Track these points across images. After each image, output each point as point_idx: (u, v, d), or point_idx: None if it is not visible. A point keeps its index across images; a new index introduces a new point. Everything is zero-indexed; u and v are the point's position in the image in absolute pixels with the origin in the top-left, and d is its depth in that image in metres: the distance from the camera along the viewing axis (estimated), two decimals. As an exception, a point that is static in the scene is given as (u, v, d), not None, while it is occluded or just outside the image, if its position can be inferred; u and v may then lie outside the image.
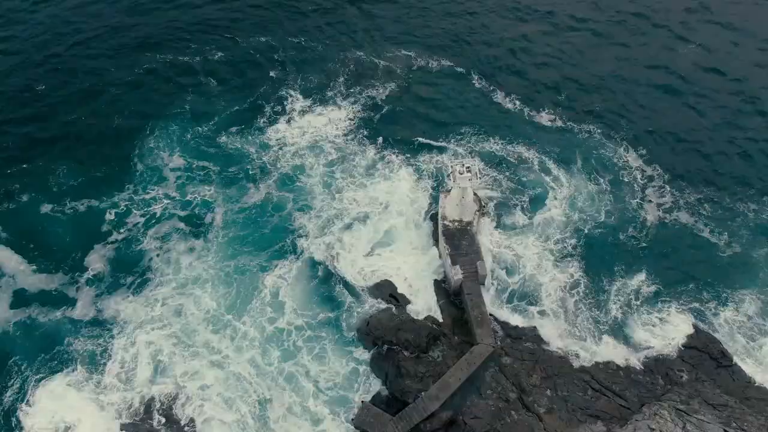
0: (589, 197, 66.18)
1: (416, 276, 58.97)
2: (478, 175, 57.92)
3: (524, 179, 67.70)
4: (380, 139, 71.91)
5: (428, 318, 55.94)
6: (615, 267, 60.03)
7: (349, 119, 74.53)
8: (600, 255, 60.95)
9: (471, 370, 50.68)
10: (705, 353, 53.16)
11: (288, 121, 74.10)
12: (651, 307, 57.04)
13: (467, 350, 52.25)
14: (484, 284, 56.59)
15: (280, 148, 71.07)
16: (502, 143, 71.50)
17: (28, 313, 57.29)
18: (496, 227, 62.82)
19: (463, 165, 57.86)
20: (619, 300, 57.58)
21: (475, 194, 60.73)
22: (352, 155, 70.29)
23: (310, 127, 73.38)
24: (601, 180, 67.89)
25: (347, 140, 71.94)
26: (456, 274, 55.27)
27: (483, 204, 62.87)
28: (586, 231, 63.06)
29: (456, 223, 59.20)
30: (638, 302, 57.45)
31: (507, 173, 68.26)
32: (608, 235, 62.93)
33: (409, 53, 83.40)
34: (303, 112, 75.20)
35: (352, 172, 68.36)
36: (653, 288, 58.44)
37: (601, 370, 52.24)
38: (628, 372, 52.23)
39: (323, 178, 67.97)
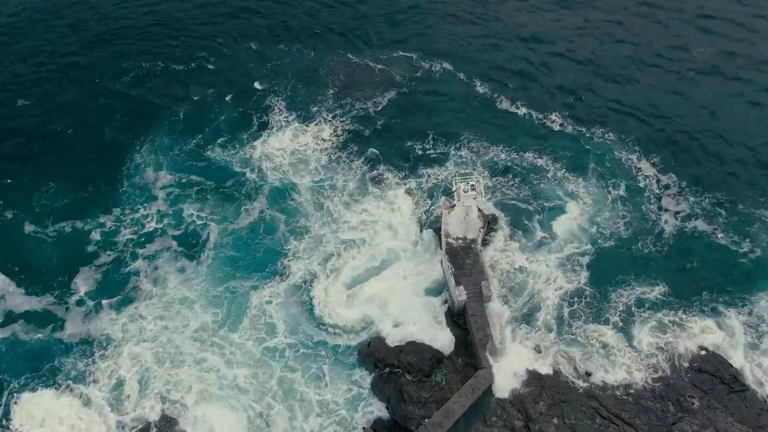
0: (604, 207, 63.70)
1: (417, 295, 56.72)
2: (483, 193, 55.45)
3: (535, 189, 65.05)
4: (378, 153, 68.49)
5: (431, 340, 53.56)
6: (629, 278, 57.83)
7: (344, 131, 71.04)
8: (615, 266, 58.69)
9: (476, 396, 48.95)
10: (717, 377, 51.46)
11: (281, 135, 70.52)
12: (664, 318, 55.10)
13: (471, 374, 50.53)
14: (489, 303, 54.53)
15: (271, 164, 67.94)
16: (509, 150, 68.74)
17: (13, 330, 55.66)
18: (506, 242, 60.12)
19: (468, 183, 55.31)
20: (630, 312, 55.53)
21: (479, 210, 58.31)
22: (348, 169, 67.34)
23: (303, 141, 70.04)
24: (616, 188, 65.23)
25: (343, 153, 68.79)
26: (460, 295, 53.15)
27: (488, 220, 60.55)
28: (601, 242, 60.76)
29: (460, 241, 56.94)
30: (649, 313, 55.42)
31: (516, 182, 65.62)
32: (624, 246, 60.53)
33: (409, 55, 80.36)
34: (295, 125, 71.60)
35: (345, 189, 65.37)
36: (670, 299, 56.28)
37: (610, 396, 50.48)
38: (638, 398, 50.44)
39: (317, 196, 65.04)
